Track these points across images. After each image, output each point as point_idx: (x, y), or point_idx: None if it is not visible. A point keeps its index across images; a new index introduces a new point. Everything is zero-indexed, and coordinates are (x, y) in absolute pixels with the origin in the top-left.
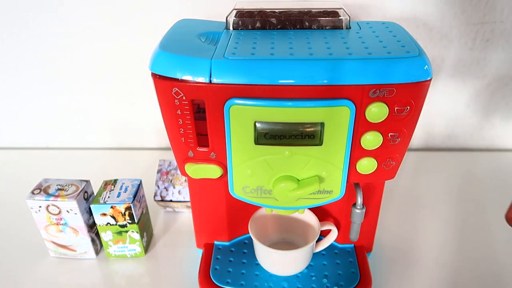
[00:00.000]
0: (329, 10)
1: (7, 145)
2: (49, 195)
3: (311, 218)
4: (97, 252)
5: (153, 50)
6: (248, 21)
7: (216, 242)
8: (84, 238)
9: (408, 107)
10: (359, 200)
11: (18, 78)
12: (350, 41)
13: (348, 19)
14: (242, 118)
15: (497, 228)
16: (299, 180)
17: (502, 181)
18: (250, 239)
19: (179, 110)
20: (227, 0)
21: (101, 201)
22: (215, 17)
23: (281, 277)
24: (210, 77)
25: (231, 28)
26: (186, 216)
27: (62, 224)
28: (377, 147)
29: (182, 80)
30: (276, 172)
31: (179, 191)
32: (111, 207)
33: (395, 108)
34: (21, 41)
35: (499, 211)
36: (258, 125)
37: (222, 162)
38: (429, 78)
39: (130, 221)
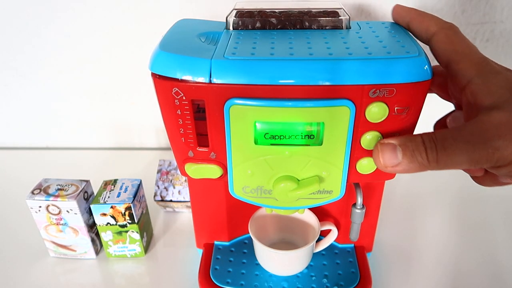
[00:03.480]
0: (329, 10)
1: (7, 145)
2: (49, 195)
3: (311, 218)
4: (97, 252)
5: (153, 50)
6: (248, 21)
7: (216, 242)
8: (84, 238)
9: (408, 107)
10: (359, 200)
11: (17, 78)
12: (350, 41)
13: (348, 19)
14: (242, 118)
15: (497, 228)
16: (299, 180)
17: None
18: (250, 239)
19: (179, 110)
20: (227, 0)
21: (101, 201)
22: (215, 17)
23: (281, 277)
24: (210, 77)
25: (231, 28)
26: (186, 216)
27: (62, 224)
28: None
29: (182, 80)
30: (276, 172)
31: (179, 191)
32: (111, 207)
33: (395, 108)
34: (20, 41)
35: (499, 210)
36: (258, 125)
37: (222, 162)
38: (429, 78)
39: (130, 221)
